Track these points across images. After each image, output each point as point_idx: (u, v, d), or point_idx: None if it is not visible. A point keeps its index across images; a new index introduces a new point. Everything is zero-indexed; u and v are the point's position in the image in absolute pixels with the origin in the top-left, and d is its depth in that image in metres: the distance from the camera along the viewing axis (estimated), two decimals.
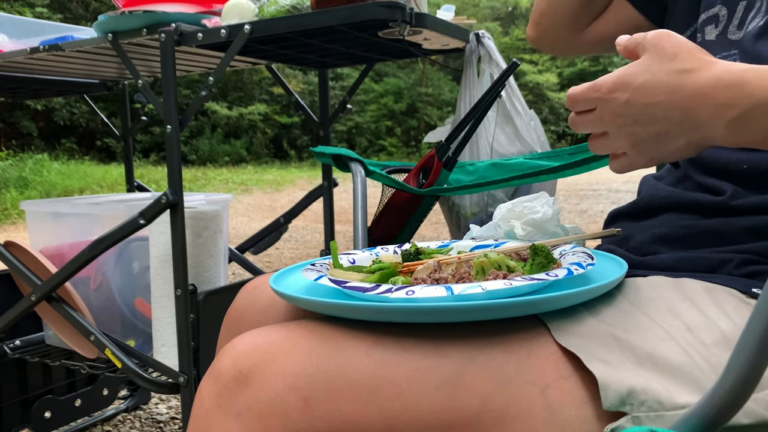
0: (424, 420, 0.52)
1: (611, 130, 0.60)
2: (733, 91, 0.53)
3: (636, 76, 0.57)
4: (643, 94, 0.56)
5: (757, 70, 0.53)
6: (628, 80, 0.57)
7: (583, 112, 0.61)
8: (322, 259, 0.76)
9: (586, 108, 0.61)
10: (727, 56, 0.73)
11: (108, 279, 1.46)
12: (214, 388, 0.56)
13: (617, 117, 0.58)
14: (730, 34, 0.74)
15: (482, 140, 1.70)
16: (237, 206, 7.37)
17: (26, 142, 11.05)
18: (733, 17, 0.74)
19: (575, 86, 0.61)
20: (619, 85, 0.58)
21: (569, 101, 0.61)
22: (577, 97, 0.60)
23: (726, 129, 0.54)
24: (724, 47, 0.74)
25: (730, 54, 0.73)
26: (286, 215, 1.74)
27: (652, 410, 0.50)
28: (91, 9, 12.11)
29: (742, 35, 0.72)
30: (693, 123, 0.55)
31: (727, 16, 0.75)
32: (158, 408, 1.95)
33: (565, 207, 6.50)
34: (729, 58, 0.72)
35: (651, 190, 0.76)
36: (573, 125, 0.63)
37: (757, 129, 0.52)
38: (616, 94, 0.58)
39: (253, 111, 13.96)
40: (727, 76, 0.53)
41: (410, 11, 1.09)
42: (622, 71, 0.58)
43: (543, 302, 0.56)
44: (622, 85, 0.57)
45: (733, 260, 0.64)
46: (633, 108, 0.57)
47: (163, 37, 1.19)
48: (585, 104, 0.60)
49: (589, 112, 0.61)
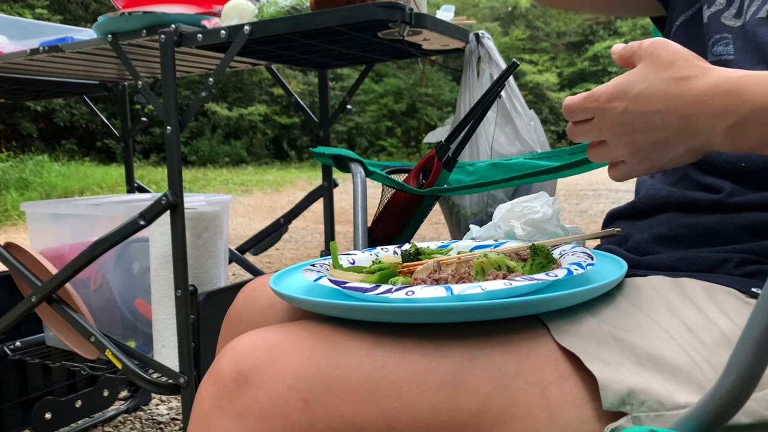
0: (424, 420, 0.52)
1: (610, 139, 0.60)
2: (730, 98, 0.53)
3: (633, 84, 0.57)
4: (641, 103, 0.57)
5: (752, 77, 0.53)
6: (625, 89, 0.57)
7: (581, 122, 0.61)
8: (322, 260, 0.76)
9: (584, 117, 0.61)
10: (720, 39, 0.72)
11: (108, 280, 1.47)
12: (214, 390, 0.56)
13: (616, 126, 0.59)
14: (725, 19, 0.73)
15: (482, 140, 1.70)
16: (237, 207, 7.38)
17: (26, 144, 11.05)
18: (732, 4, 0.73)
19: (572, 96, 0.61)
20: (616, 94, 0.58)
21: (566, 111, 0.61)
22: (574, 107, 0.61)
23: (724, 135, 0.54)
24: (717, 30, 0.73)
25: (723, 38, 0.72)
26: (286, 216, 1.74)
27: (652, 410, 0.50)
28: (91, 10, 12.12)
29: (741, 22, 0.72)
30: (692, 130, 0.55)
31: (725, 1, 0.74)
32: (159, 409, 1.95)
33: (565, 207, 6.50)
34: (722, 42, 0.72)
35: (649, 190, 0.76)
36: (571, 135, 0.63)
37: (755, 135, 0.53)
38: (614, 103, 0.58)
39: (253, 112, 13.97)
40: (724, 83, 0.53)
41: (410, 12, 1.09)
42: (619, 80, 0.58)
43: (543, 302, 0.56)
44: (619, 94, 0.57)
45: (733, 260, 0.64)
46: (631, 117, 0.57)
47: (162, 38, 1.19)
48: (583, 114, 0.60)
49: (587, 122, 0.61)
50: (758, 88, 0.52)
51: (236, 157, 13.38)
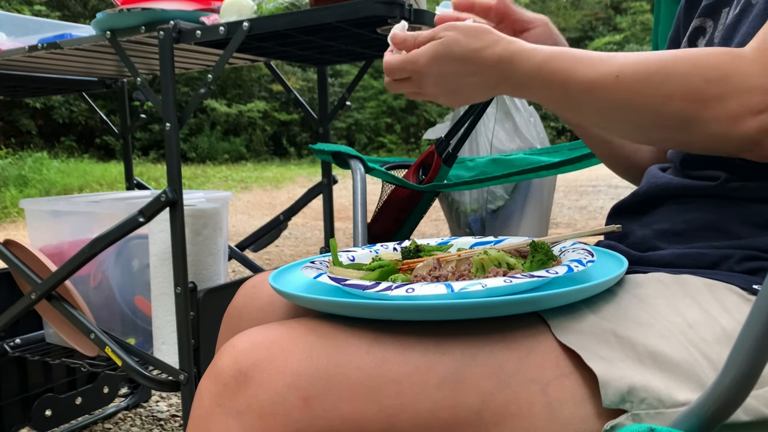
0: (425, 418, 0.52)
1: (424, 90, 0.73)
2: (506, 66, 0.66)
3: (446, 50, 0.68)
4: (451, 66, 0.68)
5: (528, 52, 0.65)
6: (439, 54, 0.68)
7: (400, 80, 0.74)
8: (322, 257, 0.76)
9: (402, 77, 0.73)
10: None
11: (108, 277, 1.46)
12: (214, 387, 0.56)
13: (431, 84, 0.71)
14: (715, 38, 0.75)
15: (482, 136, 1.70)
16: (236, 204, 7.37)
17: (25, 141, 11.04)
18: (717, 25, 0.75)
19: (391, 57, 0.74)
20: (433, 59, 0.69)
21: (387, 69, 0.74)
22: (394, 68, 0.73)
23: (513, 92, 0.69)
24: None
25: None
26: (286, 212, 1.74)
27: (652, 408, 0.50)
28: (90, 7, 12.10)
29: (722, 30, 0.72)
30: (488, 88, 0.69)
31: (713, 26, 0.76)
32: (159, 406, 1.95)
33: (564, 203, 6.50)
34: None
35: (651, 179, 0.76)
36: (388, 87, 0.76)
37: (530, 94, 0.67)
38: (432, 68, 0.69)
39: (252, 108, 13.94)
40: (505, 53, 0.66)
41: (409, 8, 1.09)
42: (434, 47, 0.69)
43: (543, 299, 0.55)
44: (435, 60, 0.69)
45: (734, 256, 0.64)
46: (444, 78, 0.70)
47: (161, 34, 1.19)
48: (401, 74, 0.73)
49: (406, 80, 0.73)
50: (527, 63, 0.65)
51: (235, 154, 13.36)
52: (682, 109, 0.59)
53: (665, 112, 0.59)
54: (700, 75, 0.58)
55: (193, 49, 1.36)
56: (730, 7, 0.73)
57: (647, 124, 0.62)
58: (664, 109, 0.59)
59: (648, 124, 0.62)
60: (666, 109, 0.59)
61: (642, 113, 0.61)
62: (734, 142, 0.59)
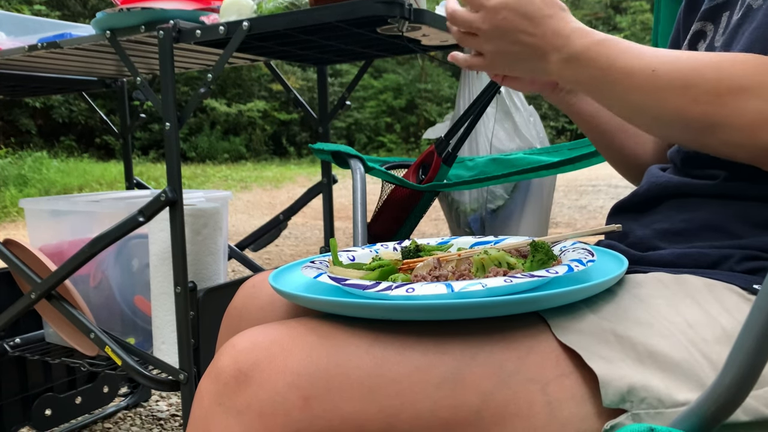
0: (425, 418, 0.52)
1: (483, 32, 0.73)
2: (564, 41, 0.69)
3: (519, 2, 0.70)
4: (515, 18, 0.70)
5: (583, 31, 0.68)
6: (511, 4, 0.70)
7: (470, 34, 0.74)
8: (322, 257, 0.76)
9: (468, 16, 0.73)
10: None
11: (108, 276, 1.46)
12: (214, 387, 0.56)
13: (492, 27, 0.72)
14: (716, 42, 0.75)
15: (482, 136, 1.70)
16: (236, 203, 7.37)
17: (25, 140, 11.03)
18: (718, 29, 0.75)
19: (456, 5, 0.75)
20: (503, 4, 0.70)
21: (451, 18, 0.75)
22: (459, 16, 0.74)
23: (557, 66, 0.70)
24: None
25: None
26: (286, 212, 1.74)
27: (651, 407, 0.50)
28: (89, 6, 12.09)
29: (723, 34, 0.73)
30: (539, 54, 0.71)
31: (713, 30, 0.76)
32: (159, 405, 1.95)
33: (564, 203, 6.50)
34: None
35: (651, 178, 0.76)
36: (460, 41, 0.76)
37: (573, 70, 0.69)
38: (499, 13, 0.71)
39: (252, 108, 13.94)
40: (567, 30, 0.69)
41: (409, 7, 1.09)
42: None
43: (543, 299, 0.55)
44: (505, 7, 0.70)
45: (734, 256, 0.64)
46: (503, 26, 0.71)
47: (161, 34, 1.19)
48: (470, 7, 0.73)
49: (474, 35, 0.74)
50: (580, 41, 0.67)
51: (235, 154, 13.36)
52: (704, 113, 0.61)
53: (689, 113, 0.62)
54: (726, 82, 0.60)
55: (192, 49, 1.36)
56: (731, 11, 0.74)
57: (672, 121, 0.64)
58: (688, 111, 0.62)
59: (672, 121, 0.64)
60: (691, 110, 0.62)
61: (669, 110, 0.63)
62: (749, 150, 0.61)
